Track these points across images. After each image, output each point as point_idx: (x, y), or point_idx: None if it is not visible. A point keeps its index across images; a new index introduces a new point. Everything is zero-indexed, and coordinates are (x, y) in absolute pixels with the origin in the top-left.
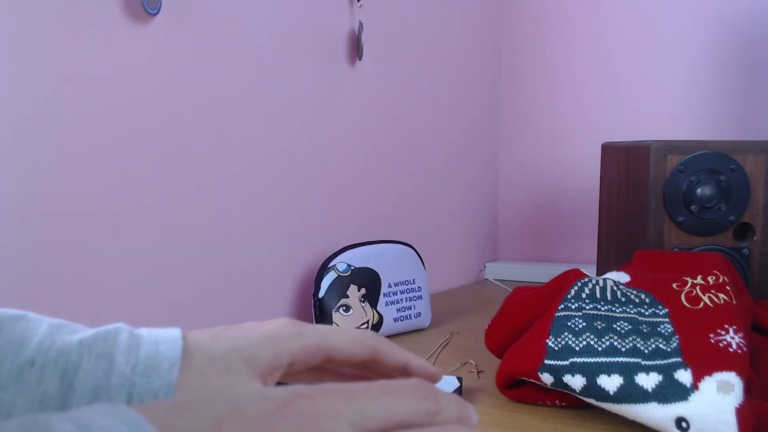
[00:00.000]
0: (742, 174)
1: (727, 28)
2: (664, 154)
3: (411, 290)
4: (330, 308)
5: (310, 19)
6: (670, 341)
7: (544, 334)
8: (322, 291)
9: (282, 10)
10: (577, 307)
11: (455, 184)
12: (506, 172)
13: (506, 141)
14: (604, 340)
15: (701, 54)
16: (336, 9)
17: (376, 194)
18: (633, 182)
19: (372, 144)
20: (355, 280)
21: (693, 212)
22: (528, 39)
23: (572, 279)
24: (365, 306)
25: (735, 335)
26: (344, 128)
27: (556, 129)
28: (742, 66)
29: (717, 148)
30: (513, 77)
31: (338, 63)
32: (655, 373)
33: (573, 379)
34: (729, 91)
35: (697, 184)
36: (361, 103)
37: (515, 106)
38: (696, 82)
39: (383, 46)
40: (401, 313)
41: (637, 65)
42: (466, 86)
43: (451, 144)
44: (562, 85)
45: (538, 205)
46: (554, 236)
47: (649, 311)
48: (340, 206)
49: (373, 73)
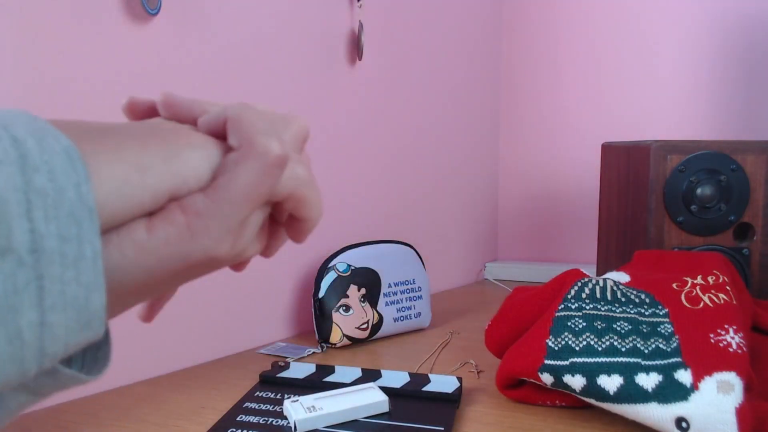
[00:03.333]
0: (742, 174)
1: (728, 29)
2: (664, 154)
3: (411, 290)
4: (330, 308)
5: (310, 19)
6: (670, 341)
7: (544, 334)
8: (322, 291)
9: (282, 10)
10: (577, 307)
11: (455, 184)
12: (506, 172)
13: (506, 141)
14: (604, 340)
15: (701, 54)
16: (336, 9)
17: (376, 194)
18: (633, 182)
19: (372, 144)
20: (355, 280)
21: (693, 212)
22: (528, 39)
23: (572, 279)
24: (365, 306)
25: (735, 335)
26: (344, 128)
27: (556, 129)
28: (742, 66)
29: (717, 148)
30: (513, 77)
31: (338, 63)
32: (655, 373)
33: (573, 379)
34: (729, 91)
35: (697, 184)
36: (361, 103)
37: (515, 106)
38: (696, 83)
39: (383, 46)
40: (401, 313)
41: (637, 65)
42: (466, 86)
43: (451, 144)
44: (562, 85)
45: (538, 205)
46: (554, 236)
47: (649, 311)
48: (340, 206)
49: (373, 73)
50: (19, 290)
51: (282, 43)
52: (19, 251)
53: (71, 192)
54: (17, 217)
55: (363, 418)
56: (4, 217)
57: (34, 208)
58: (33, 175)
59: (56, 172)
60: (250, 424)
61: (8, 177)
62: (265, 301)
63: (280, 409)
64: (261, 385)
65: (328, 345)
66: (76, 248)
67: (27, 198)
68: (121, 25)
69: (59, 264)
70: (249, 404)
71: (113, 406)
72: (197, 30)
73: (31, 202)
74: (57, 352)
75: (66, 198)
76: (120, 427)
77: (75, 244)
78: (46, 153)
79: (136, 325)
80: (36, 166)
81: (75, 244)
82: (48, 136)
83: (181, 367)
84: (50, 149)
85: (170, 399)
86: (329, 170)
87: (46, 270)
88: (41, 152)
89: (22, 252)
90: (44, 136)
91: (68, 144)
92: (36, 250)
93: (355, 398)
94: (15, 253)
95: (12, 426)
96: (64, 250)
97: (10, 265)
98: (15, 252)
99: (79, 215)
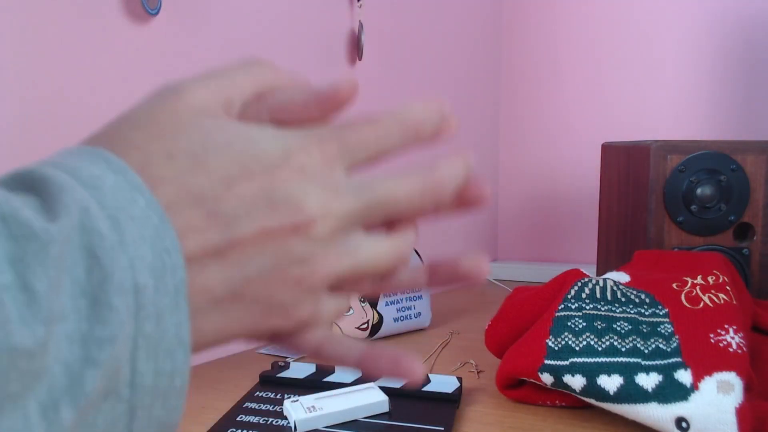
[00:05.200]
0: (742, 174)
1: (727, 28)
2: (664, 154)
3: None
4: None
5: (310, 19)
6: (670, 341)
7: (544, 334)
8: None
9: (282, 10)
10: (577, 307)
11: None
12: (506, 172)
13: (506, 141)
14: (604, 340)
15: (701, 54)
16: (336, 9)
17: None
18: (633, 182)
19: None
20: None
21: (693, 212)
22: (528, 39)
23: (572, 279)
24: (365, 306)
25: (735, 335)
26: None
27: (556, 129)
28: (743, 66)
29: (717, 148)
30: (513, 77)
31: (338, 63)
32: (655, 373)
33: (573, 379)
34: (729, 91)
35: (697, 184)
36: (361, 103)
37: (515, 106)
38: (696, 82)
39: (383, 46)
40: (401, 313)
41: (637, 65)
42: (466, 86)
43: (451, 144)
44: (563, 84)
45: (538, 205)
46: (554, 236)
47: (649, 311)
48: None
49: (373, 73)
50: (116, 422)
51: (282, 43)
52: (120, 389)
53: (172, 331)
54: (124, 361)
55: (363, 418)
56: (115, 363)
57: (138, 349)
58: (144, 323)
59: (164, 317)
60: (250, 424)
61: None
62: None
63: (280, 409)
64: (261, 385)
65: None
66: (168, 381)
67: (135, 343)
68: (121, 25)
69: (150, 395)
70: (249, 404)
71: None
72: (197, 30)
73: (137, 347)
74: None
75: (166, 337)
76: None
77: (167, 378)
78: (159, 295)
79: None
80: (148, 314)
81: (167, 378)
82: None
83: None
84: (164, 290)
85: None
86: None
87: (140, 402)
88: (156, 295)
89: (122, 389)
90: (164, 274)
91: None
92: (134, 385)
93: (355, 398)
94: (117, 392)
95: None
96: (157, 384)
97: (111, 402)
98: (118, 391)
99: (174, 351)
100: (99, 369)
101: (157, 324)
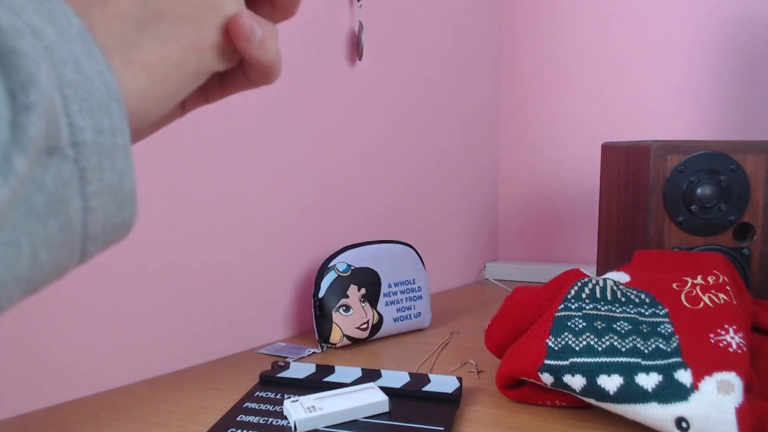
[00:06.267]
0: (742, 174)
1: (727, 28)
2: (664, 154)
3: (411, 290)
4: (330, 308)
5: (310, 19)
6: (670, 341)
7: (544, 334)
8: (322, 291)
9: None
10: (577, 307)
11: (455, 183)
12: (506, 172)
13: (506, 141)
14: (604, 340)
15: (701, 54)
16: (336, 9)
17: (376, 194)
18: (633, 182)
19: (372, 144)
20: (355, 280)
21: (693, 212)
22: (528, 39)
23: (572, 279)
24: (365, 306)
25: (735, 335)
26: (344, 128)
27: (556, 129)
28: (742, 66)
29: (717, 148)
30: (513, 77)
31: (338, 63)
32: (655, 373)
33: (573, 379)
34: (729, 91)
35: (697, 184)
36: (361, 103)
37: (515, 106)
38: (696, 82)
39: (383, 46)
40: (401, 313)
41: (636, 65)
42: (466, 86)
43: (451, 144)
44: (562, 85)
45: (538, 205)
46: (554, 236)
47: (649, 311)
48: (340, 206)
49: (373, 73)
50: (66, 183)
51: (282, 43)
52: (63, 147)
53: (97, 81)
54: (60, 114)
55: (363, 418)
56: (54, 117)
57: (69, 102)
58: (63, 69)
59: (81, 63)
60: (250, 424)
61: (46, 74)
62: (265, 301)
63: (280, 409)
64: (261, 385)
65: (328, 345)
66: (110, 138)
67: (62, 93)
68: None
69: (96, 154)
70: (249, 404)
71: (113, 406)
72: None
73: (66, 97)
74: (97, 235)
75: (94, 88)
76: (120, 427)
77: (109, 135)
78: (66, 41)
79: (136, 326)
80: (63, 58)
81: (109, 135)
82: (60, 18)
83: (181, 367)
84: (68, 36)
85: (170, 399)
86: (329, 170)
87: (86, 161)
88: (63, 41)
89: (65, 147)
90: (57, 19)
91: (80, 25)
92: (76, 143)
93: (355, 398)
94: (61, 150)
95: (12, 426)
96: (99, 141)
97: (57, 161)
98: (61, 149)
99: (108, 105)
100: (34, 111)
101: (77, 71)
